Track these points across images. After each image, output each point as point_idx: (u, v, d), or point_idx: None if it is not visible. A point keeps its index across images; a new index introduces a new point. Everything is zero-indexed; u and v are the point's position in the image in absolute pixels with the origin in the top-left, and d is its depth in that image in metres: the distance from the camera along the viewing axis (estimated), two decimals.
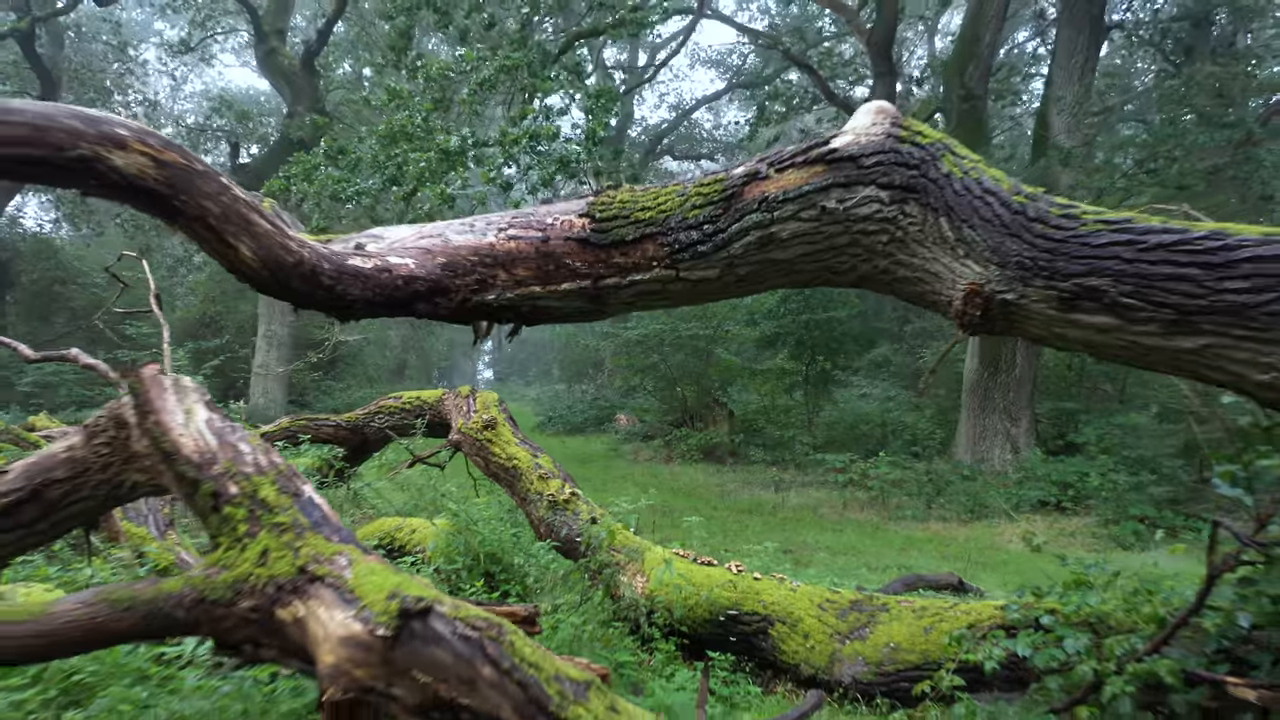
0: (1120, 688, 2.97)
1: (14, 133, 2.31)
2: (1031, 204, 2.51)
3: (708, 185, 2.72)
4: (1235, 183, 10.40)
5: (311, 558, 1.99)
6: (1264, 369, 2.35)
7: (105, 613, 2.05)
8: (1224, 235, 2.40)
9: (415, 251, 3.01)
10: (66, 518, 2.57)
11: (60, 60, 17.06)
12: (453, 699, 1.84)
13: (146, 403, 2.31)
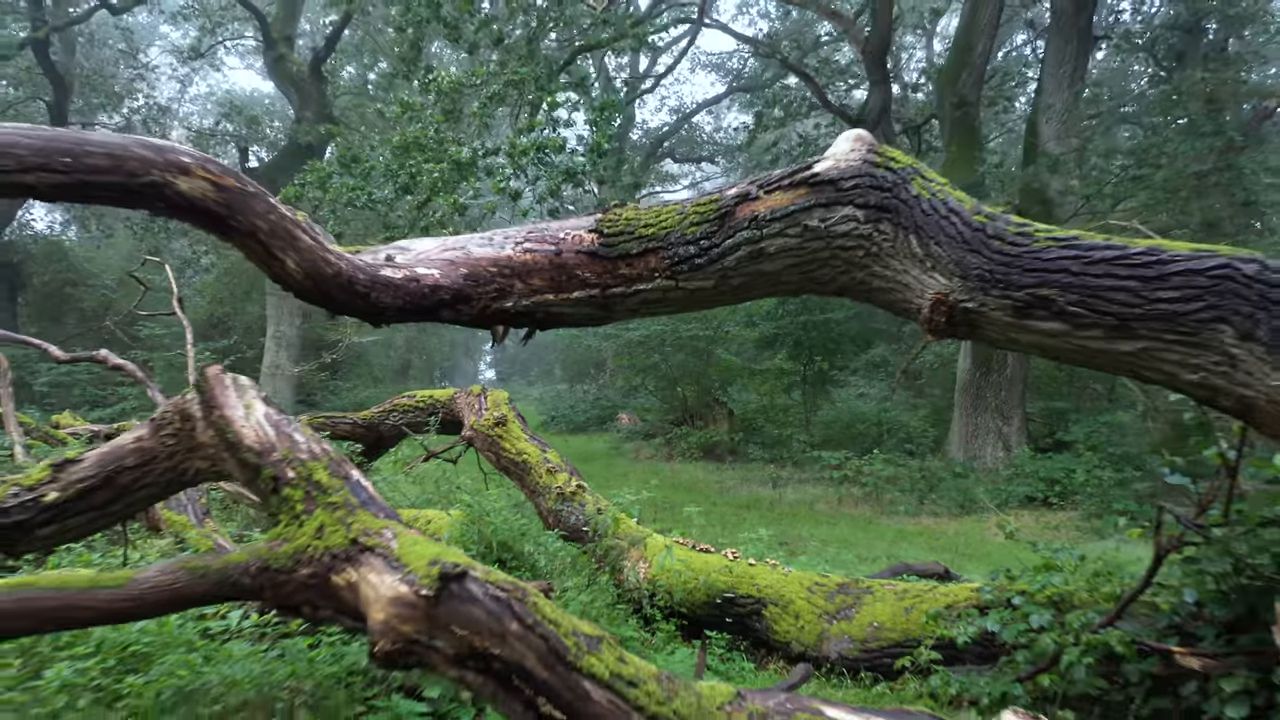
0: (1076, 657, 3.29)
1: (95, 162, 2.64)
2: (990, 223, 2.83)
3: (704, 205, 3.04)
4: (1219, 189, 10.71)
5: (362, 531, 2.31)
6: (1193, 369, 2.67)
7: (184, 580, 2.36)
8: (1159, 251, 2.71)
9: (440, 263, 3.33)
10: (135, 501, 2.90)
11: (72, 66, 17.39)
12: (485, 649, 2.16)
13: (212, 399, 2.63)
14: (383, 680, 3.05)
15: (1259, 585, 3.15)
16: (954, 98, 12.14)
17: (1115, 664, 3.46)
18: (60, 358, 7.14)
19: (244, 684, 2.97)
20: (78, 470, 2.84)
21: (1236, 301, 2.57)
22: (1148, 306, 2.65)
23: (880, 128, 11.89)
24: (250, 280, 20.20)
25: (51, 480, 2.83)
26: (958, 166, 11.62)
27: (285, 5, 17.46)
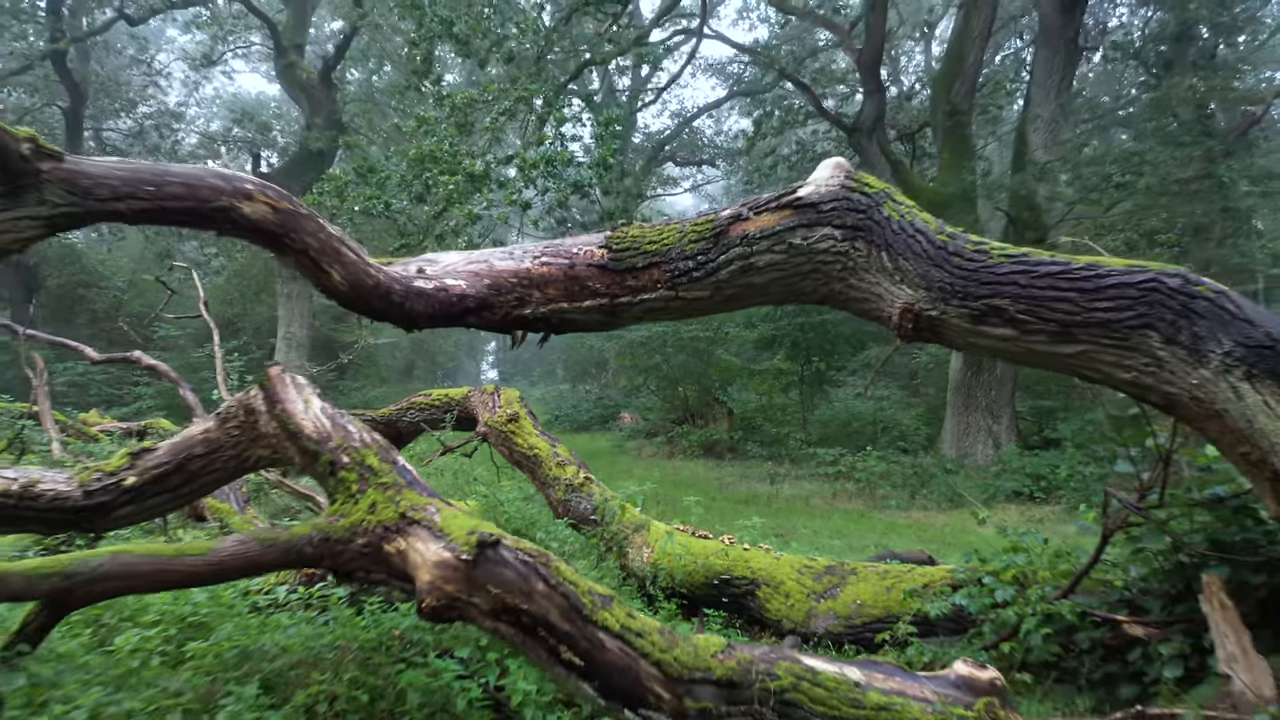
0: (1033, 626, 3.69)
1: (174, 190, 3.05)
2: (951, 241, 3.22)
3: (701, 225, 3.44)
4: (1200, 196, 11.09)
5: (409, 506, 2.71)
6: (1126, 369, 3.06)
7: (256, 549, 2.77)
8: (1096, 267, 3.11)
9: (466, 274, 3.73)
10: (203, 485, 3.30)
11: (88, 73, 17.80)
12: (516, 605, 2.56)
13: (274, 394, 3.03)
14: (416, 644, 3.45)
15: (1194, 561, 3.54)
16: (947, 106, 12.52)
17: (1070, 634, 3.86)
18: (94, 358, 7.55)
19: (296, 647, 3.37)
20: (153, 458, 3.24)
21: (1162, 311, 2.97)
22: (1086, 315, 3.05)
23: (875, 135, 12.27)
24: (260, 282, 20.62)
25: (130, 467, 3.23)
26: (950, 173, 12.01)
27: (295, 13, 17.87)
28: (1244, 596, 3.41)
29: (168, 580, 2.74)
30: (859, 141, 12.31)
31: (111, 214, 2.97)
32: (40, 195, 2.82)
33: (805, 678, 2.64)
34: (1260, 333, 2.88)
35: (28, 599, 2.59)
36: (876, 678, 2.69)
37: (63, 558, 2.62)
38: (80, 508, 3.19)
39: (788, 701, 2.60)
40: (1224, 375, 2.90)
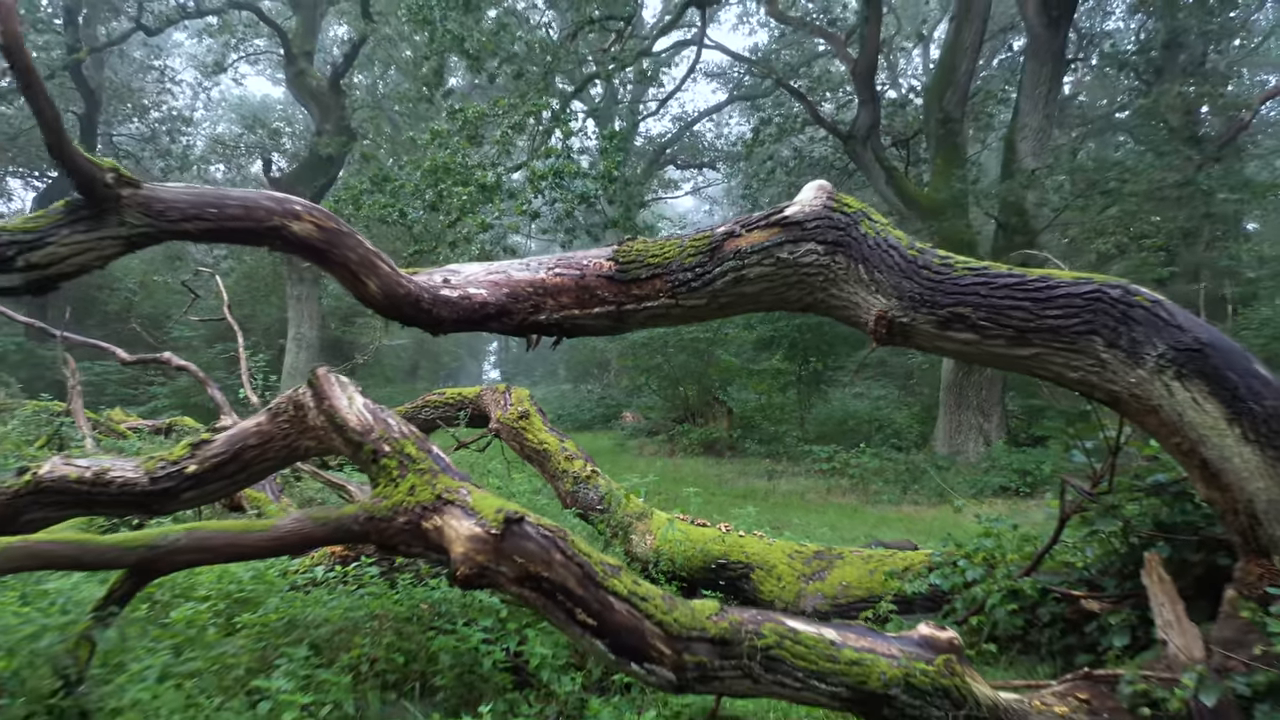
0: (997, 600, 4.09)
1: (233, 212, 3.45)
2: (921, 255, 3.62)
3: (698, 240, 3.84)
4: (1182, 202, 11.48)
5: (444, 489, 3.11)
6: (1074, 369, 3.46)
7: (311, 526, 3.17)
8: (1048, 278, 3.50)
9: (487, 284, 4.13)
10: (256, 472, 3.71)
11: (102, 80, 18.21)
12: (538, 573, 2.96)
13: (321, 392, 3.44)
14: (444, 614, 3.85)
15: (1142, 541, 3.94)
16: (940, 114, 12.90)
17: (1033, 610, 4.26)
18: (126, 359, 7.96)
19: (337, 617, 3.77)
20: (211, 449, 3.64)
21: (1105, 318, 3.37)
22: (1039, 321, 3.45)
23: (870, 142, 12.65)
24: (269, 284, 21.02)
25: (191, 456, 3.64)
26: (943, 179, 12.39)
27: (304, 21, 18.28)
28: (1184, 573, 3.81)
29: (236, 552, 3.14)
30: (854, 149, 12.70)
31: (180, 233, 3.37)
32: (120, 218, 3.23)
33: (788, 636, 3.04)
34: (1189, 337, 3.28)
35: (118, 567, 2.98)
36: (850, 637, 3.10)
37: (148, 532, 3.02)
38: (147, 493, 3.60)
39: (772, 657, 3.00)
40: (1158, 375, 3.30)
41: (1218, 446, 3.25)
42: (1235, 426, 3.21)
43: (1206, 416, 3.25)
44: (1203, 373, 3.25)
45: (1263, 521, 3.25)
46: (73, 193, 3.27)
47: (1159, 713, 3.18)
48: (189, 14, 16.18)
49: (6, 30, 2.88)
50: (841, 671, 2.98)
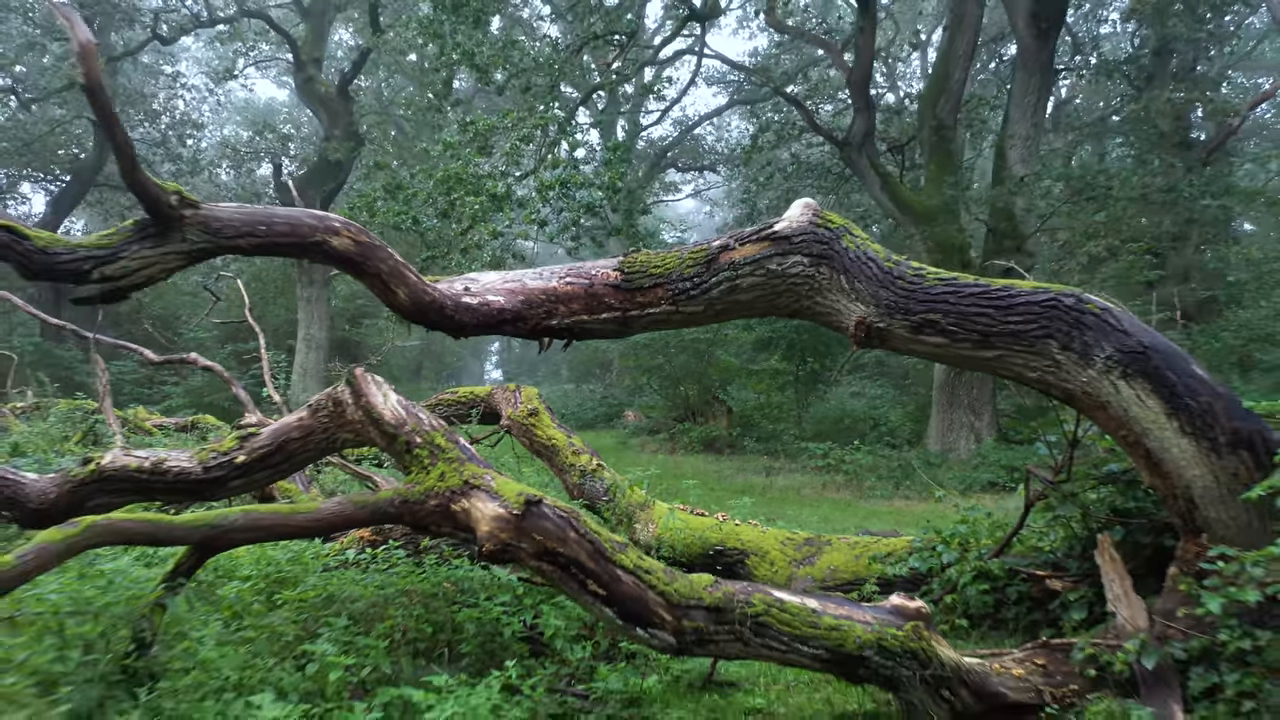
0: (968, 580, 4.48)
1: (280, 229, 3.86)
2: (896, 266, 4.01)
3: (696, 253, 4.24)
4: (1166, 208, 11.86)
5: (471, 475, 3.51)
6: (1033, 369, 3.85)
7: (351, 509, 3.57)
8: (1010, 288, 3.90)
9: (504, 292, 4.53)
10: (298, 462, 4.11)
11: (115, 87, 18.62)
12: (554, 549, 3.36)
13: (359, 389, 3.84)
14: (467, 591, 4.25)
15: (1099, 526, 4.33)
16: (933, 121, 13.29)
17: (1003, 589, 4.65)
18: (154, 360, 8.36)
19: (369, 593, 4.18)
20: (258, 441, 4.04)
21: (1059, 323, 3.77)
22: (1001, 326, 3.84)
23: (865, 149, 13.04)
24: (278, 286, 21.43)
25: (239, 448, 4.04)
26: (936, 185, 12.78)
27: (313, 29, 18.70)
28: (1136, 554, 4.21)
29: (284, 532, 3.54)
30: (850, 155, 13.08)
31: (235, 248, 3.78)
32: (183, 235, 3.63)
33: (775, 605, 3.44)
34: (1134, 341, 3.68)
35: (186, 544, 3.38)
36: (830, 606, 3.50)
37: (210, 514, 3.42)
38: (200, 480, 4.00)
39: (761, 623, 3.40)
40: (1106, 375, 3.69)
41: (1159, 438, 3.65)
42: (1174, 420, 3.61)
43: (1149, 412, 3.64)
44: (1145, 373, 3.64)
45: (1199, 505, 3.64)
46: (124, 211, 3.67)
47: (1106, 674, 3.58)
48: (202, 23, 16.60)
49: (89, 74, 3.29)
50: (822, 636, 3.39)
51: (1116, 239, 13.18)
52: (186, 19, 16.43)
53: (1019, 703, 3.56)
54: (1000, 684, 3.57)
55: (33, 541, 2.94)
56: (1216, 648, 3.39)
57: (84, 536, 2.97)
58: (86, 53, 3.29)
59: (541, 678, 3.54)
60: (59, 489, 4.07)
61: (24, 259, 3.45)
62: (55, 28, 15.92)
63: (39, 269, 3.49)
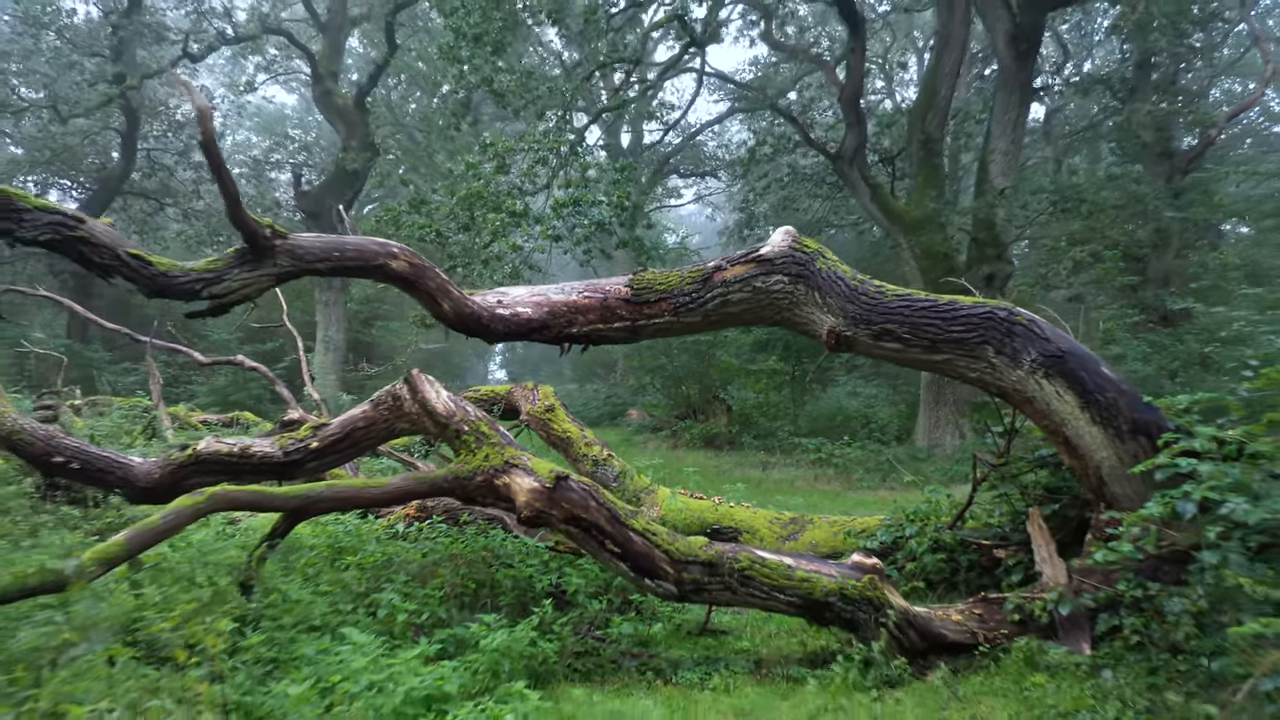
0: (924, 548, 5.27)
1: (350, 254, 4.66)
2: (861, 284, 4.80)
3: (694, 272, 5.03)
4: (1136, 218, 12.62)
5: (511, 456, 4.31)
6: (974, 370, 4.64)
7: (412, 485, 4.37)
8: (954, 302, 4.69)
9: (531, 304, 5.33)
10: (362, 447, 4.92)
11: (141, 99, 19.47)
12: (578, 515, 4.15)
13: (415, 387, 4.64)
14: (501, 556, 5.05)
15: (1035, 502, 5.12)
16: (921, 135, 14.05)
17: (956, 558, 5.44)
18: (202, 361, 9.16)
19: (420, 558, 4.98)
20: (329, 430, 4.85)
21: (993, 332, 4.55)
22: (947, 334, 4.63)
23: (856, 162, 13.81)
24: (295, 289, 22.25)
25: (314, 436, 4.85)
26: (923, 195, 13.55)
27: (330, 43, 19.52)
28: (1065, 525, 4.99)
29: (360, 501, 4.34)
30: (842, 168, 13.86)
31: (314, 270, 4.58)
32: (274, 260, 4.44)
33: (757, 562, 4.24)
34: (1054, 347, 4.47)
35: (285, 510, 4.17)
36: (802, 563, 4.30)
37: (302, 486, 4.22)
38: (281, 463, 4.82)
39: (746, 576, 4.20)
40: (1032, 374, 4.48)
41: (1074, 427, 4.43)
42: (1086, 412, 4.40)
43: (1066, 405, 4.43)
44: (1063, 373, 4.43)
45: (1107, 481, 4.43)
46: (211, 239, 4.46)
47: (1030, 620, 4.36)
48: (228, 40, 17.44)
49: (205, 133, 4.09)
50: (795, 586, 4.19)
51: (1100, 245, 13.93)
52: (214, 37, 17.27)
53: (957, 642, 4.36)
54: (942, 627, 4.37)
55: (170, 506, 3.74)
56: (1119, 597, 4.16)
57: (209, 503, 3.77)
58: (203, 115, 4.10)
59: (568, 621, 4.34)
60: (162, 470, 4.90)
61: (149, 281, 4.26)
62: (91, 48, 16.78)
63: (159, 289, 4.30)
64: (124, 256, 4.17)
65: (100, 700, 2.40)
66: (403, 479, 4.38)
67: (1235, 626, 2.94)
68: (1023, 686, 3.94)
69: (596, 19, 10.32)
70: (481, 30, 9.79)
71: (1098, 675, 3.86)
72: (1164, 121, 17.95)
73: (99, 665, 2.73)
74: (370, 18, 19.00)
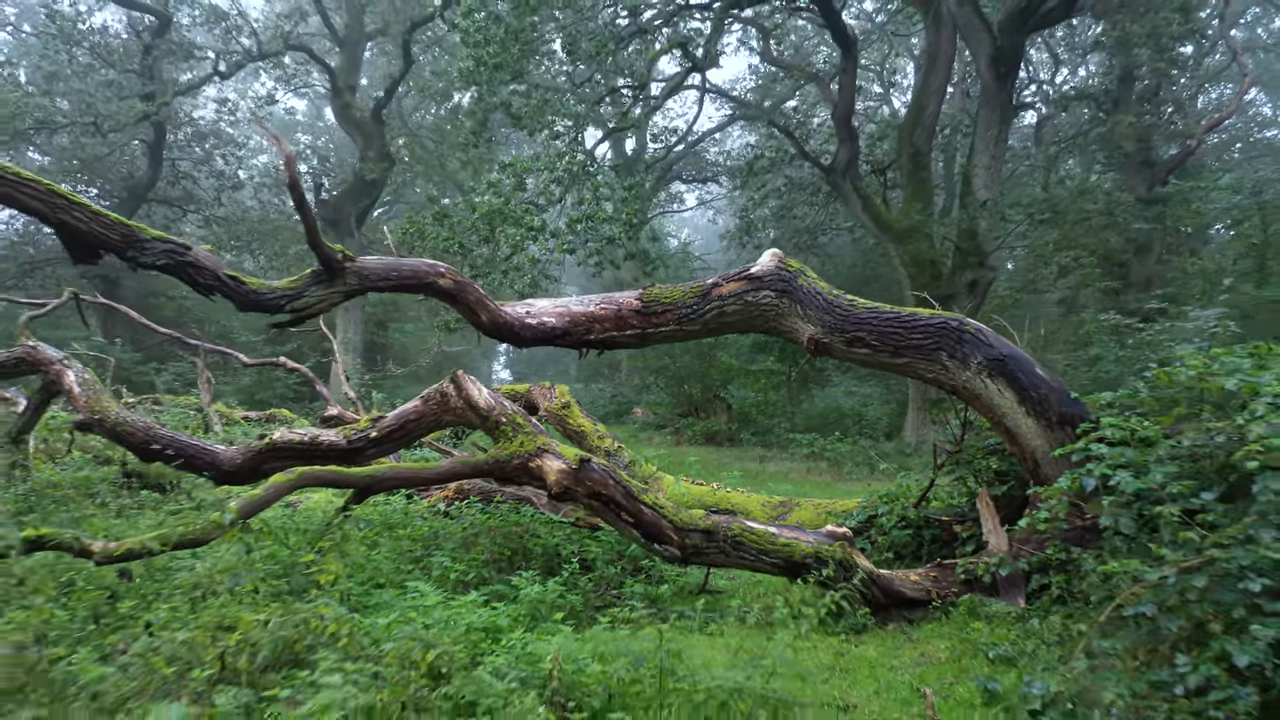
0: (891, 523, 6.13)
1: (406, 274, 5.53)
2: (836, 298, 5.66)
3: (695, 288, 5.90)
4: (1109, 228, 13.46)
5: (543, 443, 5.18)
6: (931, 371, 5.50)
7: (459, 466, 5.25)
8: (915, 313, 5.54)
9: (555, 314, 6.19)
10: (413, 437, 5.79)
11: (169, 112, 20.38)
12: (599, 491, 5.02)
13: (460, 385, 5.51)
14: (531, 531, 5.92)
15: (985, 484, 5.97)
16: (910, 148, 14.90)
17: (921, 533, 6.29)
18: (246, 362, 10.05)
19: (461, 531, 5.86)
20: (386, 422, 5.73)
21: (947, 339, 5.41)
22: (908, 341, 5.49)
23: (848, 175, 14.67)
24: None
25: (373, 427, 5.72)
26: (911, 206, 14.40)
27: (348, 58, 20.43)
28: (1011, 503, 5.84)
29: (417, 480, 5.22)
30: (835, 180, 14.71)
31: (376, 288, 5.46)
32: (344, 280, 5.31)
33: (747, 530, 5.10)
34: (995, 352, 5.32)
35: (357, 487, 5.04)
36: (785, 532, 5.16)
37: (370, 467, 5.09)
38: (345, 450, 5.70)
39: (738, 541, 5.06)
40: (978, 375, 5.34)
41: (1014, 419, 5.29)
42: (1023, 406, 5.25)
43: (1006, 401, 5.29)
44: (1003, 374, 5.29)
45: (1040, 464, 5.28)
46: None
47: (975, 581, 5.22)
48: (254, 58, 18.36)
49: (291, 175, 4.97)
50: (778, 550, 5.05)
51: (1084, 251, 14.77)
52: (242, 55, 18.19)
53: (914, 599, 5.22)
54: (901, 586, 5.23)
55: (269, 482, 4.60)
56: (1049, 561, 5.01)
57: (300, 479, 4.64)
58: (289, 161, 4.97)
59: (590, 579, 5.21)
60: (244, 457, 5.78)
61: (243, 297, 5.13)
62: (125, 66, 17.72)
63: (251, 304, 5.18)
64: (223, 277, 5.05)
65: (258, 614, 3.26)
66: (451, 462, 5.26)
67: (1103, 566, 3.80)
68: (964, 630, 4.81)
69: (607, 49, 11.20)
70: (501, 60, 10.67)
71: (1026, 622, 4.72)
72: (1145, 133, 18.81)
73: (244, 596, 3.60)
74: (386, 33, 19.90)
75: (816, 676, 4.27)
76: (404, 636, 3.20)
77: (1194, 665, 3.28)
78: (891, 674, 4.38)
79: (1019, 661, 4.24)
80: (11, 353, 6.39)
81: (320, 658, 2.78)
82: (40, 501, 5.90)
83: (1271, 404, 3.79)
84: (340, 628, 3.31)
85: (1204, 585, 3.39)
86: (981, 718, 3.86)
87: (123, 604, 3.57)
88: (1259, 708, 3.13)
